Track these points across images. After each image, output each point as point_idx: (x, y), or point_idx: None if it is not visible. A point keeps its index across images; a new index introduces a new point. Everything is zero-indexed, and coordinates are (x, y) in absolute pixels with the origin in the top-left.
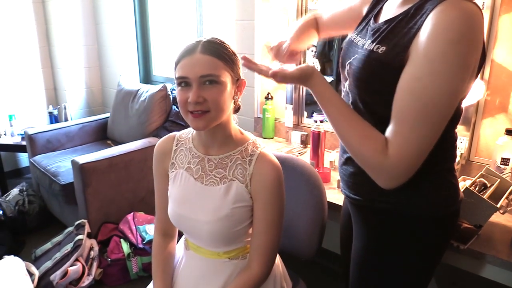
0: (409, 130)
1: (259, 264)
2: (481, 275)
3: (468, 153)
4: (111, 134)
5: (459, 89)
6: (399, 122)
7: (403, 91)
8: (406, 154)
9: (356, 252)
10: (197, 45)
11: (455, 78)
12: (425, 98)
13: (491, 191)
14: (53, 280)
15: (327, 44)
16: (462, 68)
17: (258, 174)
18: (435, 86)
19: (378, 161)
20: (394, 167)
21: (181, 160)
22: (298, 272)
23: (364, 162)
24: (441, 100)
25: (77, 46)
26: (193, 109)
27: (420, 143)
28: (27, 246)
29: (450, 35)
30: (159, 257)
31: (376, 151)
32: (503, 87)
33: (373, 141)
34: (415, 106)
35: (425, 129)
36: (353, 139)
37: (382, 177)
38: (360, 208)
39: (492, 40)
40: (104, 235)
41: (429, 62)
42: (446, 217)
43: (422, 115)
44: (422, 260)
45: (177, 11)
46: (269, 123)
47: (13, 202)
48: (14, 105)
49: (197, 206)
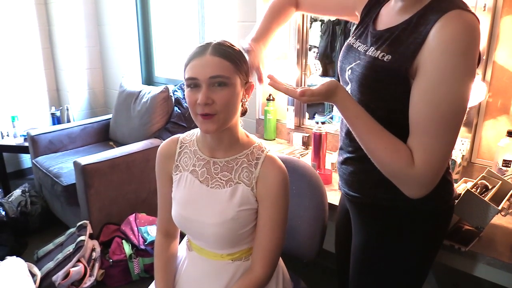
0: (432, 140)
1: (262, 266)
2: (482, 277)
3: (470, 155)
4: (113, 135)
5: (469, 94)
6: (421, 133)
7: (420, 104)
8: (433, 163)
9: (356, 248)
10: (208, 46)
11: (466, 85)
12: (442, 107)
13: (492, 193)
14: (55, 281)
15: (329, 45)
16: (470, 75)
17: (264, 177)
18: (450, 95)
19: (406, 173)
20: (422, 177)
21: (185, 163)
22: (299, 273)
23: (392, 174)
24: (458, 107)
25: (80, 47)
26: (202, 111)
27: (443, 150)
28: (29, 247)
29: (457, 47)
30: (161, 257)
31: (403, 163)
32: (505, 89)
33: (400, 154)
34: (433, 116)
35: (447, 136)
36: (380, 152)
37: (411, 187)
38: (359, 206)
39: (493, 42)
40: (106, 236)
41: (442, 74)
42: (442, 212)
43: (442, 123)
44: (421, 254)
45: (179, 13)
46: (270, 124)
47: (15, 203)
48: (17, 106)
49: (202, 209)
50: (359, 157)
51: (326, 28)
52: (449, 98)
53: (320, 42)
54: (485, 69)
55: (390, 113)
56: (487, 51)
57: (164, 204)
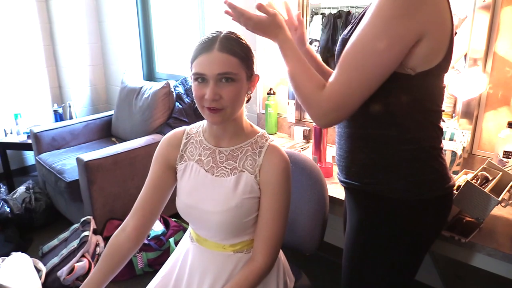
0: (342, 71)
1: (263, 255)
2: (483, 268)
3: (471, 146)
4: (116, 132)
5: (394, 39)
6: (337, 67)
7: (348, 43)
8: (335, 91)
9: (347, 234)
10: (215, 40)
11: (389, 28)
12: (358, 45)
13: (492, 184)
14: (60, 276)
15: (330, 38)
16: (399, 19)
17: (267, 165)
18: (369, 35)
19: (314, 95)
20: (325, 101)
21: (191, 153)
22: (300, 266)
23: (304, 97)
24: (373, 48)
25: (81, 44)
26: (209, 106)
27: (348, 84)
28: (34, 243)
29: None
30: (113, 247)
31: (314, 86)
32: (506, 80)
33: (315, 79)
34: (350, 53)
35: (355, 72)
36: (300, 79)
37: (315, 111)
38: (348, 191)
39: (494, 33)
40: (110, 231)
41: (370, 15)
42: (430, 203)
43: (353, 60)
44: (409, 244)
45: (179, 8)
46: (271, 118)
47: (20, 199)
48: (20, 104)
49: (207, 197)
50: (346, 139)
51: (327, 22)
52: (367, 37)
53: (321, 35)
54: (486, 61)
55: (376, 102)
56: (487, 42)
57: (146, 191)
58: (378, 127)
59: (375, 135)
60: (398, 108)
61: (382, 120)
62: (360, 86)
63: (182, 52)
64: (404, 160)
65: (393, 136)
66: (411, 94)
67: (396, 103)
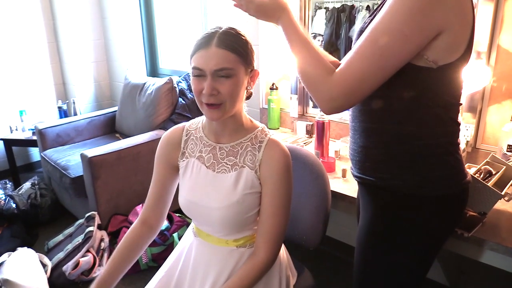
0: (356, 57)
1: (265, 250)
2: (486, 262)
3: (475, 140)
4: (120, 127)
5: (409, 34)
6: (352, 51)
7: (366, 31)
8: (347, 76)
9: (359, 228)
10: (213, 36)
11: (408, 22)
12: (376, 34)
13: (496, 178)
14: (65, 270)
15: (334, 33)
16: (416, 14)
17: (267, 159)
18: (387, 25)
19: (323, 80)
20: (334, 86)
21: (191, 149)
22: (302, 261)
23: (311, 80)
24: (391, 38)
25: (85, 41)
26: (207, 101)
27: (361, 71)
28: (40, 238)
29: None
30: (127, 239)
31: (324, 70)
32: (510, 73)
33: (323, 63)
34: (367, 40)
35: (370, 59)
36: (308, 62)
37: (322, 94)
38: (363, 186)
39: (498, 26)
40: (114, 226)
41: (390, 6)
42: (445, 199)
43: (369, 47)
44: (423, 239)
45: (182, 4)
46: (274, 113)
47: (25, 195)
48: (25, 100)
49: (209, 193)
50: (361, 134)
51: (331, 16)
52: (386, 27)
53: (325, 29)
54: (489, 53)
55: (391, 91)
56: (491, 34)
57: (154, 191)
58: (395, 122)
59: (393, 130)
60: (417, 103)
61: (400, 115)
62: (374, 74)
63: (185, 48)
64: (420, 156)
65: (411, 131)
66: (432, 88)
67: (416, 97)
